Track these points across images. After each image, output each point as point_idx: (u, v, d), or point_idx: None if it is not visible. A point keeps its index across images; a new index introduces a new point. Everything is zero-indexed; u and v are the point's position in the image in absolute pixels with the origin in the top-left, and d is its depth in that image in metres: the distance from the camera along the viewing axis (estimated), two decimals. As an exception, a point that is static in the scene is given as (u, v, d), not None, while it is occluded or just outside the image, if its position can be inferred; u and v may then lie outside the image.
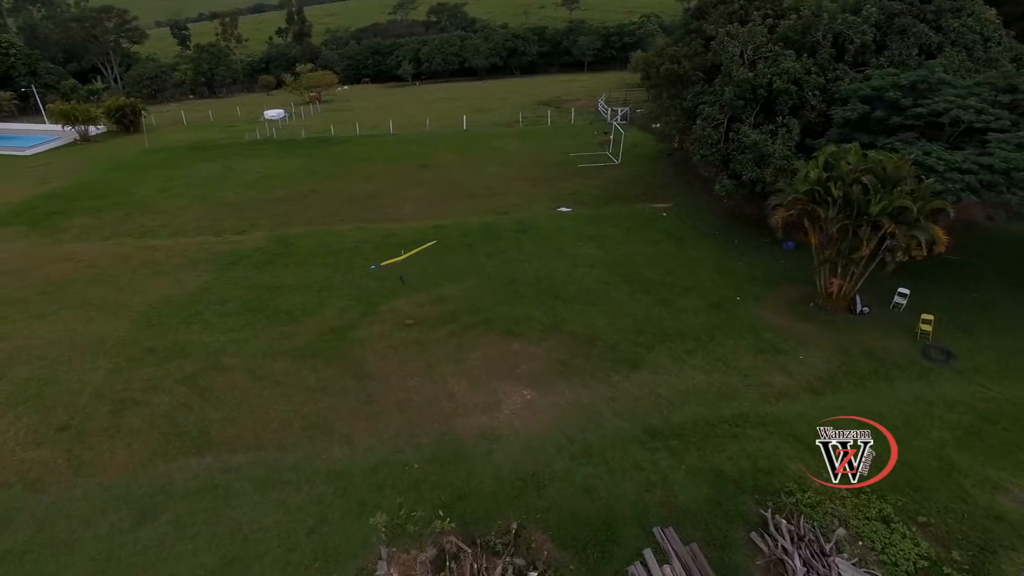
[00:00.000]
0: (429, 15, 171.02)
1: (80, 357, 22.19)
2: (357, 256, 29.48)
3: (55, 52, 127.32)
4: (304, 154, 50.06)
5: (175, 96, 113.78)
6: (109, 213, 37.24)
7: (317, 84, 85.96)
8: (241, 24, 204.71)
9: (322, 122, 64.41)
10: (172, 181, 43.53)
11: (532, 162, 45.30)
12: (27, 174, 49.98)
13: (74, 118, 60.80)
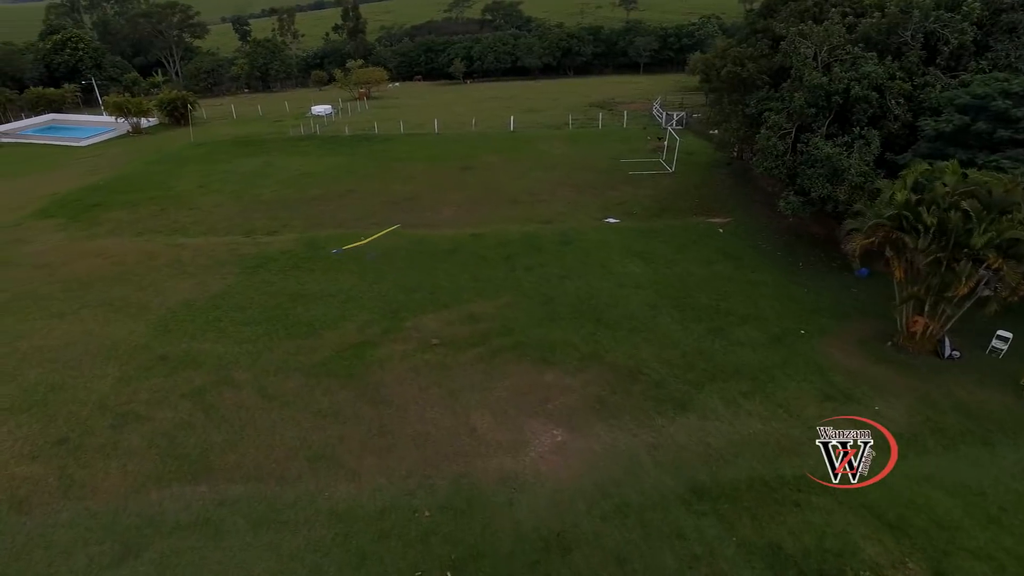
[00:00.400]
0: (484, 13, 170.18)
1: (91, 362, 21.24)
2: (387, 264, 27.92)
3: (124, 47, 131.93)
4: (345, 152, 49.10)
5: (230, 90, 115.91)
6: (145, 208, 36.86)
7: (366, 80, 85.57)
8: (300, 20, 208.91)
9: (367, 119, 63.60)
10: (211, 176, 43.11)
11: (580, 167, 43.07)
12: (78, 165, 50.63)
13: (127, 110, 61.65)
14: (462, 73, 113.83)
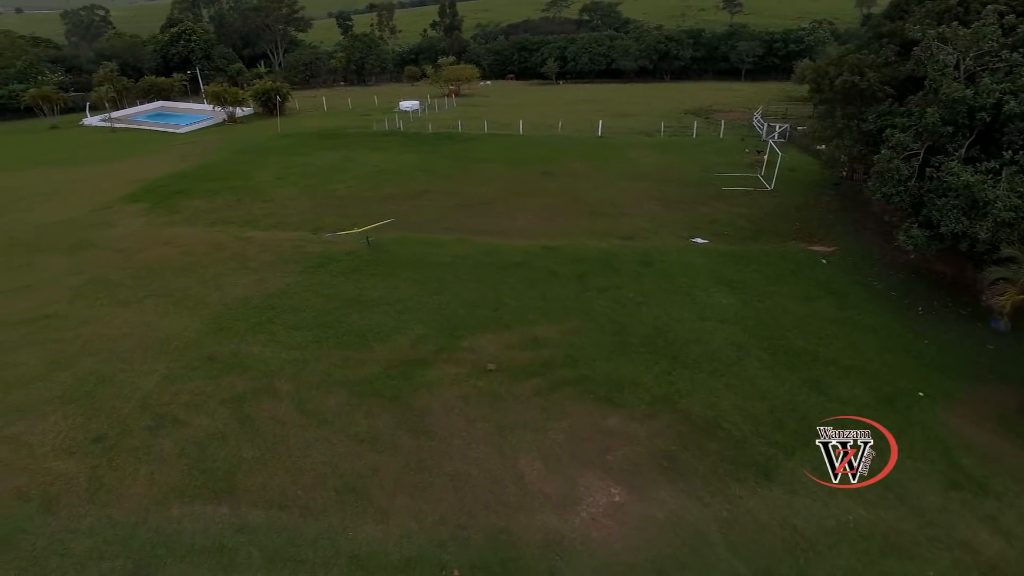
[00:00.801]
0: (582, 13, 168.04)
1: (142, 356, 20.97)
2: (450, 274, 26.47)
3: (235, 39, 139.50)
4: (425, 150, 48.51)
5: (327, 82, 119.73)
6: (222, 197, 37.42)
7: (457, 77, 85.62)
8: (400, 16, 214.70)
9: (453, 117, 63.12)
10: (290, 168, 43.50)
11: (669, 179, 40.30)
12: (174, 151, 52.85)
13: (224, 99, 64.18)
14: (555, 73, 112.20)
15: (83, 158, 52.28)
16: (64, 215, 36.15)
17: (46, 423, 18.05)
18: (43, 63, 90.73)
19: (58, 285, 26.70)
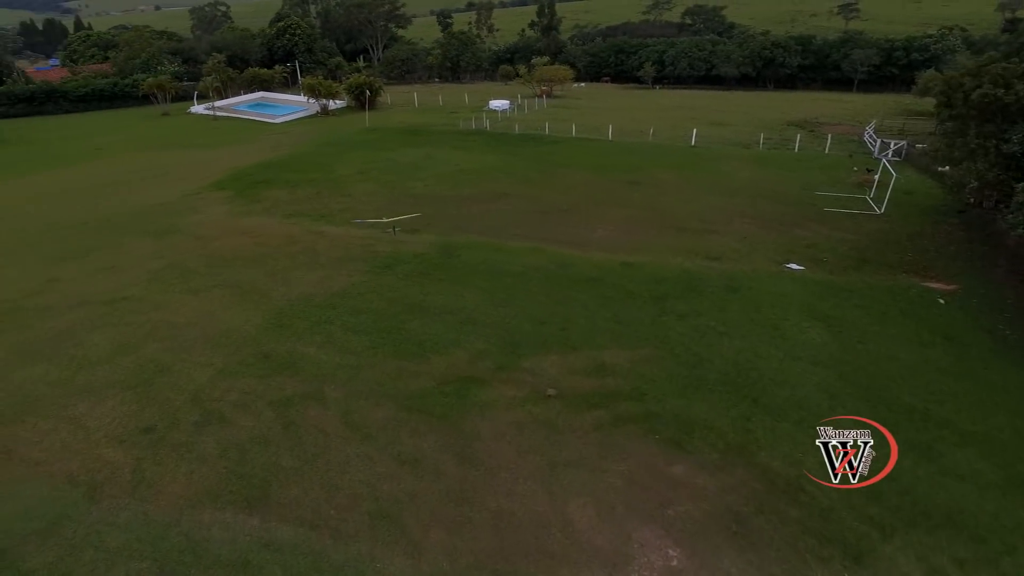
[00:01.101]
0: (684, 16, 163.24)
1: (202, 347, 21.08)
2: (519, 286, 25.28)
3: (339, 34, 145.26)
4: (509, 151, 47.67)
5: (422, 78, 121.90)
6: (303, 189, 38.01)
7: (550, 78, 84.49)
8: (500, 16, 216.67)
9: (541, 118, 62.06)
10: (371, 164, 43.81)
11: (765, 195, 37.43)
12: (266, 141, 54.71)
13: (318, 92, 66.04)
14: (651, 78, 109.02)
15: (185, 144, 55.10)
16: (158, 199, 37.85)
17: (104, 407, 18.32)
18: (164, 54, 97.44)
19: (139, 268, 27.65)
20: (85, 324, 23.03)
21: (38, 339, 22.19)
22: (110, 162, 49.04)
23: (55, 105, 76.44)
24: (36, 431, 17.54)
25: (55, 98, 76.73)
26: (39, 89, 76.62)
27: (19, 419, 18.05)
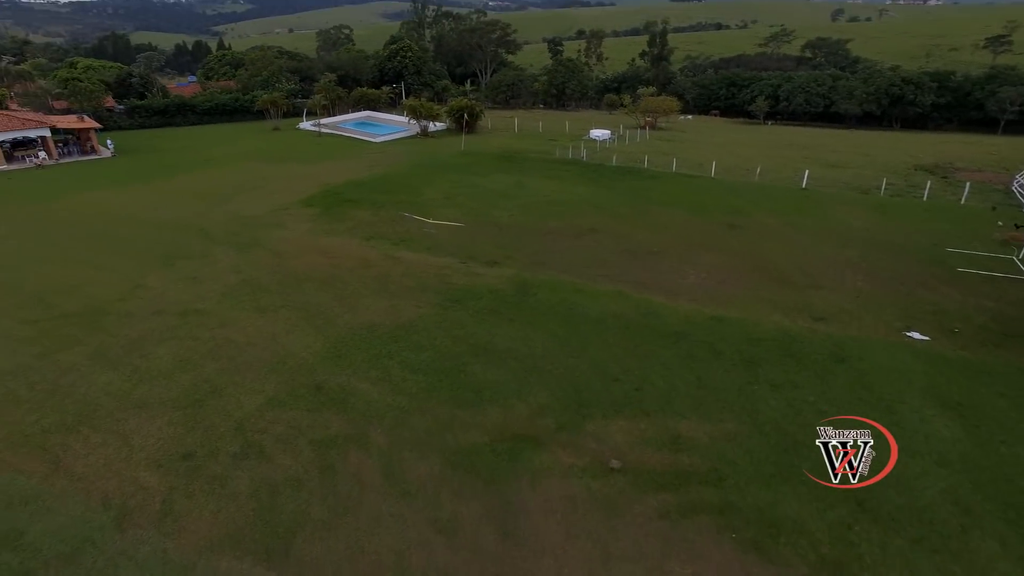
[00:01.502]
0: (804, 50, 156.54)
1: (257, 371, 20.71)
2: (596, 334, 23.38)
3: (450, 58, 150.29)
4: (603, 183, 45.95)
5: (527, 104, 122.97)
6: (387, 211, 38.03)
7: (655, 109, 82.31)
8: (611, 45, 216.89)
9: (642, 150, 59.99)
10: (459, 188, 43.43)
11: (884, 248, 33.49)
12: (363, 159, 56.05)
13: (419, 113, 67.38)
14: (763, 113, 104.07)
15: (287, 158, 57.47)
16: (251, 211, 39.12)
17: (153, 426, 18.15)
18: (284, 73, 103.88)
19: (217, 281, 28.16)
20: (156, 335, 23.39)
21: (113, 347, 22.69)
22: (217, 172, 51.71)
23: (184, 117, 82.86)
24: (87, 444, 17.54)
25: (184, 111, 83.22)
26: (172, 103, 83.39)
27: (75, 428, 18.19)
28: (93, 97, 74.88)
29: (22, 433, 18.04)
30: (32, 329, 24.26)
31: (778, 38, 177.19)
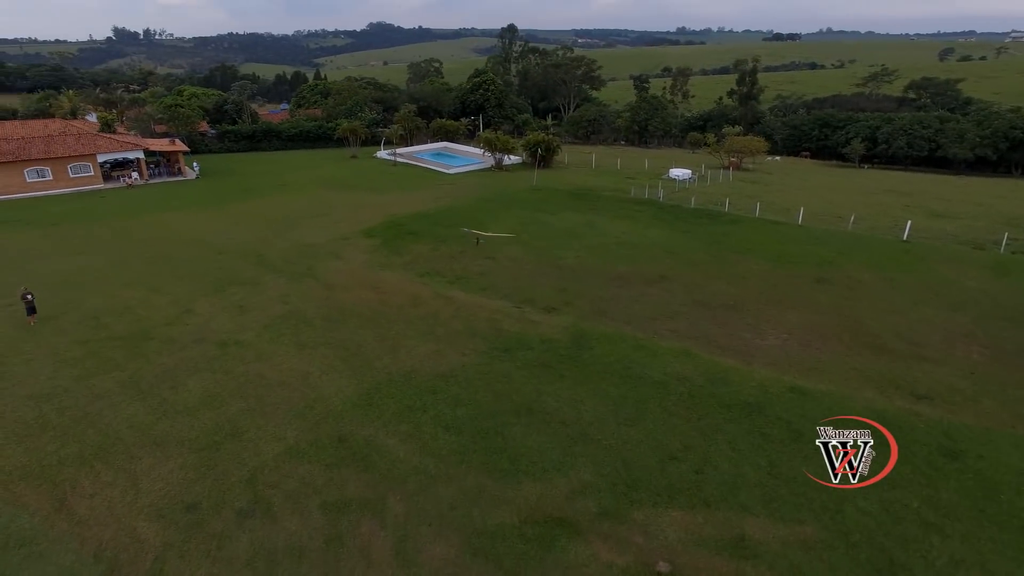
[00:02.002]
0: (907, 90, 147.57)
1: (281, 415, 19.60)
2: (655, 400, 20.94)
3: (533, 92, 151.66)
4: (678, 227, 43.28)
5: (608, 140, 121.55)
6: (448, 246, 36.93)
7: (740, 149, 78.63)
8: (699, 83, 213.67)
9: (723, 192, 56.84)
10: (527, 225, 41.96)
11: (1006, 315, 29.19)
12: (433, 190, 55.80)
13: (494, 146, 66.94)
14: (859, 156, 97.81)
15: (359, 186, 58.07)
16: (312, 239, 39.07)
17: (165, 467, 17.25)
18: (369, 102, 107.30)
19: (262, 311, 27.64)
20: (191, 365, 22.85)
21: (147, 375, 22.29)
22: (288, 198, 52.71)
23: (269, 143, 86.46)
24: (96, 481, 16.82)
25: (270, 136, 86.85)
26: (259, 128, 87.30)
27: (90, 463, 17.56)
28: (189, 122, 79.32)
29: (40, 463, 17.56)
30: (80, 350, 24.33)
31: (878, 78, 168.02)
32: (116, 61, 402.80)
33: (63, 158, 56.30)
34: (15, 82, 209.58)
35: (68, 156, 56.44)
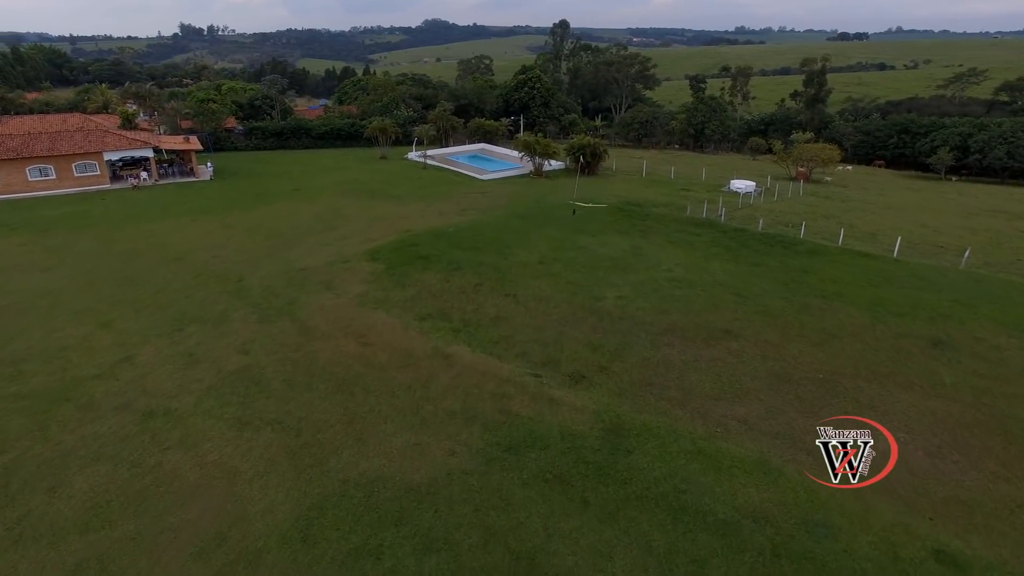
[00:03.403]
0: (997, 92, 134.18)
1: (173, 555, 13.70)
2: (719, 559, 14.20)
3: (584, 91, 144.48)
4: (744, 257, 35.86)
5: (661, 143, 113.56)
6: (462, 276, 30.59)
7: (811, 158, 69.83)
8: (759, 84, 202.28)
9: (796, 211, 48.90)
10: (561, 251, 35.25)
11: None
12: (460, 199, 49.72)
13: (533, 149, 60.39)
14: (946, 167, 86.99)
15: (379, 192, 52.54)
16: (307, 261, 33.50)
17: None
18: (409, 99, 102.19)
19: (213, 365, 22.02)
20: (93, 450, 17.33)
21: (29, 464, 16.97)
22: (298, 206, 47.46)
23: (299, 140, 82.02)
24: None
25: (299, 134, 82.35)
26: (287, 126, 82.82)
27: None
28: (215, 117, 75.38)
29: None
30: (-24, 410, 19.09)
31: (963, 79, 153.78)
32: (180, 56, 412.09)
33: (68, 156, 52.46)
34: (78, 76, 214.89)
35: (73, 154, 52.56)
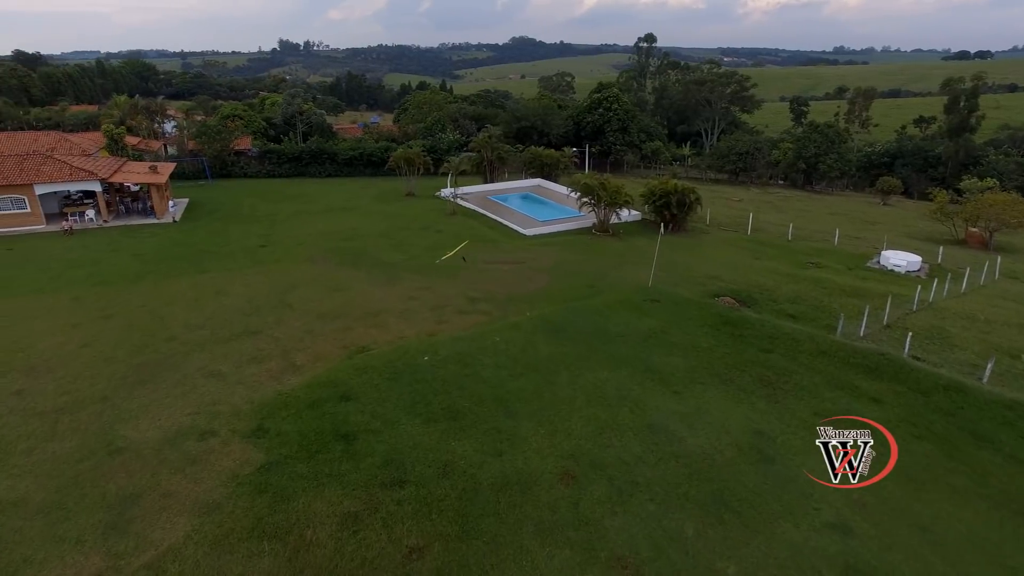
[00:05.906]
0: None
1: None
2: None
3: (671, 113, 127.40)
4: (970, 463, 18.35)
5: (761, 177, 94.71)
6: (389, 517, 14.64)
7: (995, 215, 49.57)
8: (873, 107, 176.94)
9: (1004, 318, 30.43)
10: (608, 433, 18.60)
11: None
12: (480, 277, 34.08)
13: (596, 195, 44.09)
14: None
15: (369, 256, 37.82)
16: (143, 430, 18.89)
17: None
18: (463, 119, 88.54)
19: None
20: None
21: None
22: (235, 280, 32.87)
23: (320, 166, 69.42)
24: None
25: (321, 159, 69.69)
26: (306, 150, 70.28)
27: None
28: (219, 138, 63.73)
29: None
30: None
31: None
32: (278, 70, 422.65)
33: (-13, 189, 40.91)
34: (162, 88, 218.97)
35: (-5, 186, 40.95)
